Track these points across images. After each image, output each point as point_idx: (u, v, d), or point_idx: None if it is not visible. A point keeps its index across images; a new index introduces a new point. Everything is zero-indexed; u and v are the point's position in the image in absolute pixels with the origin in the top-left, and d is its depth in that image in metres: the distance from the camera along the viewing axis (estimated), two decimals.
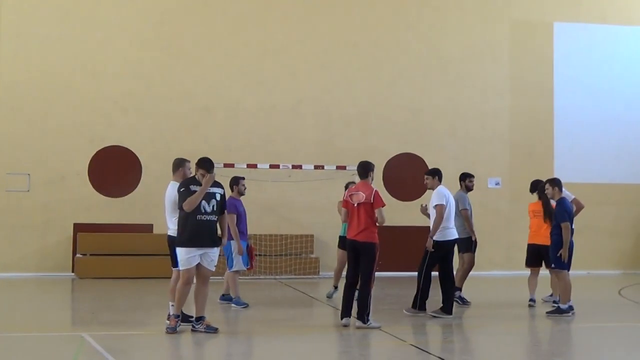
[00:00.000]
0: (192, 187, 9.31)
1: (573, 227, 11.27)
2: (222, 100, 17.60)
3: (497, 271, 18.09)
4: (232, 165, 16.12)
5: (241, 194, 12.03)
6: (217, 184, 9.51)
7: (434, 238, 11.07)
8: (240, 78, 17.76)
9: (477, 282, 16.42)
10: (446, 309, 11.01)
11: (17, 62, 16.83)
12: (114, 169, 16.93)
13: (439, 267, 11.25)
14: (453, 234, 11.30)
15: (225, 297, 12.12)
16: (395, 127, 18.28)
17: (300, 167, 16.71)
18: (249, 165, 16.39)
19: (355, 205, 10.14)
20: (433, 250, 11.05)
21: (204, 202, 9.31)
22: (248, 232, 12.08)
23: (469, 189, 12.78)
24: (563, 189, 11.53)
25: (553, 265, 11.39)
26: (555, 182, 11.55)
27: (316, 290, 15.51)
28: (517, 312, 11.95)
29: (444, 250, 11.12)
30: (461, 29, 18.73)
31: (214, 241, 9.40)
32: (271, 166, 16.66)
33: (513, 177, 18.56)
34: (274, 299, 13.54)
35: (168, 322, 9.59)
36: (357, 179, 16.43)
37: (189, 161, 10.15)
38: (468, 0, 18.88)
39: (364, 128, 18.15)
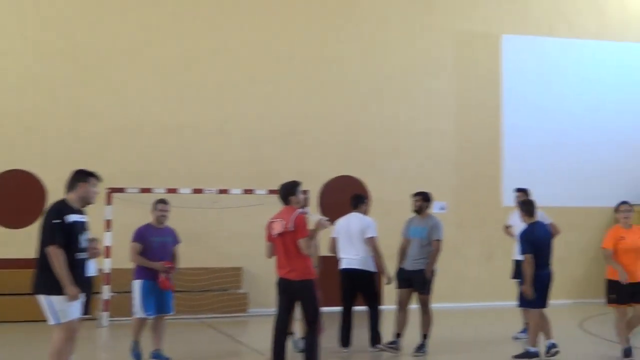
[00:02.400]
0: (72, 217, 7.09)
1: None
2: (138, 119, 15.82)
3: (444, 303, 16.62)
4: (149, 190, 14.42)
5: (158, 220, 9.92)
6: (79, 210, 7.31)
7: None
8: (160, 95, 16.03)
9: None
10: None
11: None
12: (14, 196, 14.99)
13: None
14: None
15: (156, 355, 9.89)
16: (332, 147, 16.76)
17: (226, 191, 15.04)
18: (169, 190, 14.60)
19: (275, 236, 8.49)
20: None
21: (80, 235, 7.17)
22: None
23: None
24: (538, 212, 10.28)
25: (518, 304, 10.21)
26: (524, 205, 10.30)
27: (244, 331, 13.82)
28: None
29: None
30: (403, 43, 17.36)
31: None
32: (194, 191, 14.95)
33: (459, 201, 17.24)
34: (191, 349, 11.55)
35: None
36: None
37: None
38: (410, 13, 17.51)
39: (298, 149, 16.58)
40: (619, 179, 18.15)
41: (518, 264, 11.57)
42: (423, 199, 10.65)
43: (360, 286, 10.62)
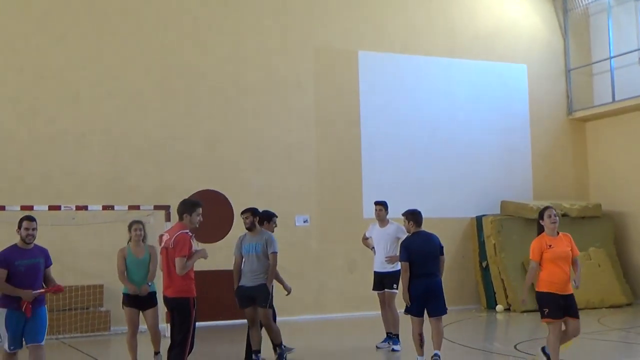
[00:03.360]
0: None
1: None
2: None
3: (308, 315, 16.79)
4: (2, 208, 13.72)
5: (25, 241, 8.53)
6: None
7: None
8: (11, 106, 15.38)
9: (287, 328, 15.15)
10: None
11: None
12: None
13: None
14: None
15: None
16: (193, 161, 16.60)
17: (85, 207, 14.53)
18: (23, 207, 13.87)
19: (161, 249, 8.49)
20: None
21: None
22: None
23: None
24: (394, 224, 10.74)
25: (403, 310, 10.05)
26: (413, 216, 10.06)
27: (106, 351, 13.41)
28: None
29: None
30: (262, 57, 17.47)
31: None
32: (50, 207, 14.30)
33: (322, 214, 17.48)
34: None
35: None
36: (152, 220, 14.74)
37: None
38: (269, 28, 17.67)
39: (159, 163, 16.31)
40: (471, 190, 18.97)
41: (379, 275, 11.92)
42: (252, 214, 10.34)
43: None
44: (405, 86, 18.81)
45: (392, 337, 11.82)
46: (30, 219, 8.62)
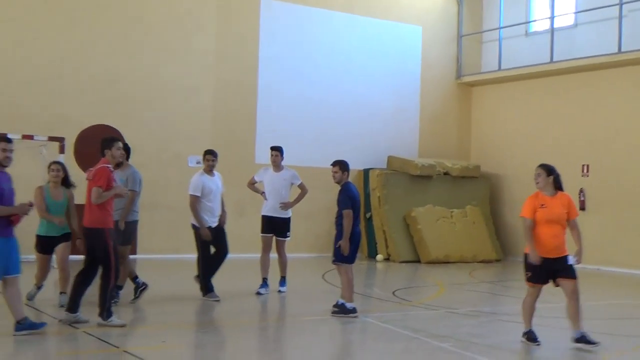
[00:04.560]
0: None
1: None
2: None
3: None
4: None
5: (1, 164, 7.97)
6: None
7: None
8: None
9: (179, 266, 15.50)
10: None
11: None
12: None
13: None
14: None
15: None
16: (89, 95, 16.53)
17: None
18: None
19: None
20: None
21: None
22: None
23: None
24: (290, 171, 11.10)
25: (334, 259, 10.04)
26: (346, 166, 10.23)
27: None
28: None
29: None
30: None
31: None
32: None
33: None
34: None
35: None
36: (44, 150, 14.69)
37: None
38: None
39: (54, 93, 16.14)
40: (360, 144, 19.66)
41: (270, 220, 11.95)
42: (125, 149, 9.98)
43: None
44: (305, 38, 19.19)
45: (282, 279, 12.07)
46: (8, 140, 8.10)
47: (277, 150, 12.19)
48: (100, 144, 9.01)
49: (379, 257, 18.73)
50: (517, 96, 20.35)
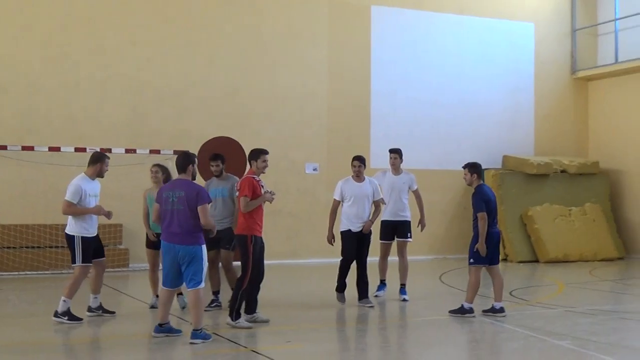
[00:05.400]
0: None
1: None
2: (18, 77, 15.82)
3: (315, 259, 17.69)
4: (31, 148, 14.57)
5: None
6: None
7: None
8: (39, 52, 16.05)
9: (298, 271, 16.04)
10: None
11: None
12: None
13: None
14: None
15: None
16: (211, 109, 17.33)
17: (109, 150, 15.29)
18: (51, 149, 14.86)
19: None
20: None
21: None
22: None
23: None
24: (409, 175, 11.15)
25: (472, 261, 10.09)
26: (476, 168, 10.27)
27: (127, 284, 14.35)
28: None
29: None
30: (279, 9, 18.08)
31: None
32: (76, 149, 15.16)
33: (330, 163, 18.23)
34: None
35: None
36: (170, 164, 15.51)
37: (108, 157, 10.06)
38: None
39: (178, 109, 17.04)
40: (475, 144, 19.65)
41: (391, 224, 11.68)
42: (222, 162, 10.65)
43: None
44: (415, 41, 19.40)
45: (402, 286, 11.78)
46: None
47: (396, 152, 12.05)
48: (249, 155, 9.58)
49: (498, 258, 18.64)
50: (636, 89, 19.86)
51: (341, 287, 11.18)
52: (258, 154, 9.52)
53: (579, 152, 21.02)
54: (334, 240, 11.18)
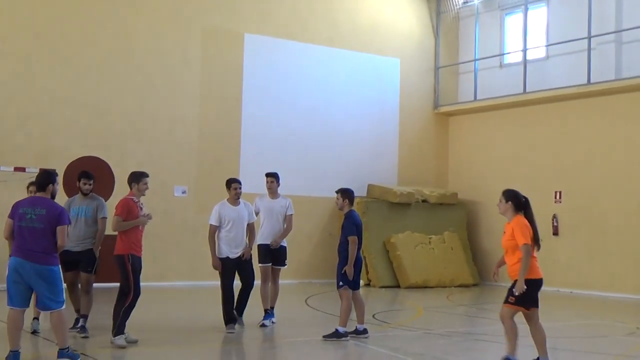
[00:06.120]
0: None
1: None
2: None
3: (181, 281, 17.65)
4: None
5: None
6: None
7: None
8: None
9: (164, 293, 15.92)
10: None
11: None
12: None
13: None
14: None
15: None
16: (78, 127, 17.04)
17: None
18: None
19: None
20: None
21: None
22: None
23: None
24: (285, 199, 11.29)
25: (341, 284, 10.30)
26: (348, 194, 10.49)
27: None
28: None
29: None
30: (153, 31, 18.07)
31: None
32: None
33: (200, 186, 18.27)
34: None
35: None
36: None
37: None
38: (160, 3, 18.26)
39: (44, 127, 16.66)
40: (341, 172, 20.12)
41: (269, 249, 11.57)
42: (94, 181, 10.39)
43: None
44: (287, 70, 19.81)
45: (269, 312, 11.58)
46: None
47: (272, 176, 11.95)
48: (129, 178, 9.67)
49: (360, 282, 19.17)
50: (493, 125, 21.07)
51: (231, 319, 10.78)
52: (139, 176, 9.67)
53: (439, 183, 21.99)
54: (220, 266, 10.88)
